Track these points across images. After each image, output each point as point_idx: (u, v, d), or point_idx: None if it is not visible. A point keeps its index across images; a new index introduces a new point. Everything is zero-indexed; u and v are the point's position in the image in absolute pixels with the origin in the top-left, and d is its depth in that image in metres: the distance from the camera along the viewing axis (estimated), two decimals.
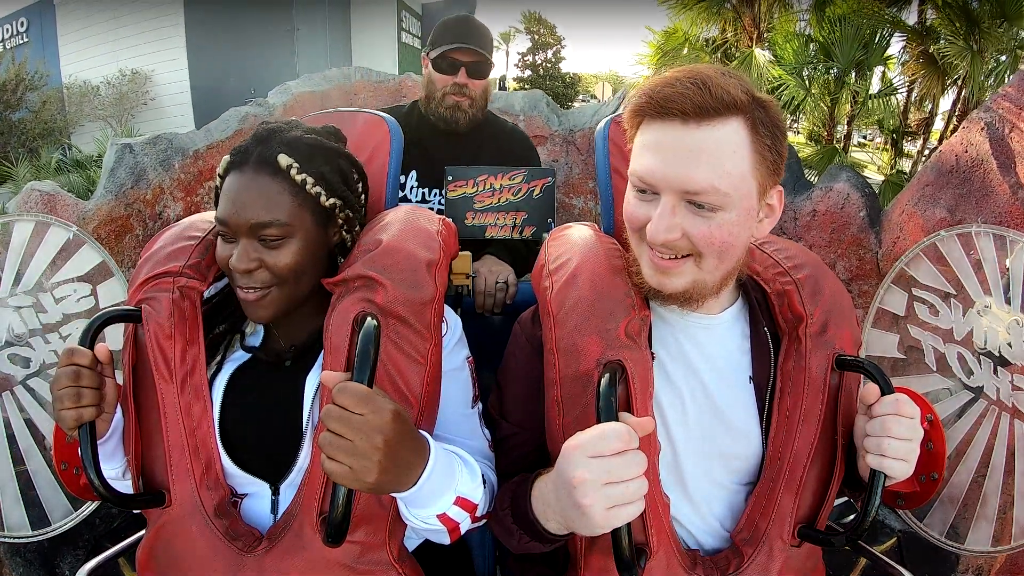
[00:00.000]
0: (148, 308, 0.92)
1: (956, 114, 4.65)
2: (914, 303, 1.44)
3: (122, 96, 8.36)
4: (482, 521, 0.90)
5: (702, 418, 0.90)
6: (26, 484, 1.41)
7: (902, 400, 0.79)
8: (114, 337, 0.99)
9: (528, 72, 24.13)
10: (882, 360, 1.48)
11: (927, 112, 5.34)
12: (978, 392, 1.32)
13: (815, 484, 0.88)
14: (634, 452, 0.68)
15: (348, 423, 0.67)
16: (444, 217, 1.08)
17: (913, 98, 5.15)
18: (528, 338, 0.98)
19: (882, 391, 0.80)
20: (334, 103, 2.64)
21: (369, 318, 0.73)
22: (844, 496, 0.97)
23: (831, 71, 4.82)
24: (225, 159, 0.93)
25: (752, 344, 0.93)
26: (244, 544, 0.87)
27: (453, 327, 1.00)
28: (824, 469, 0.89)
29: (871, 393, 0.81)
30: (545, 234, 1.47)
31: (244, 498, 0.94)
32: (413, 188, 1.71)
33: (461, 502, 0.82)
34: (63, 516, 1.40)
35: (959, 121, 4.41)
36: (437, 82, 1.67)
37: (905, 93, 5.12)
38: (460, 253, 1.14)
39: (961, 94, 4.48)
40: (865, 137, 9.63)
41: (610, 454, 0.67)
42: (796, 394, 0.89)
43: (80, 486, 1.06)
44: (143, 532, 0.96)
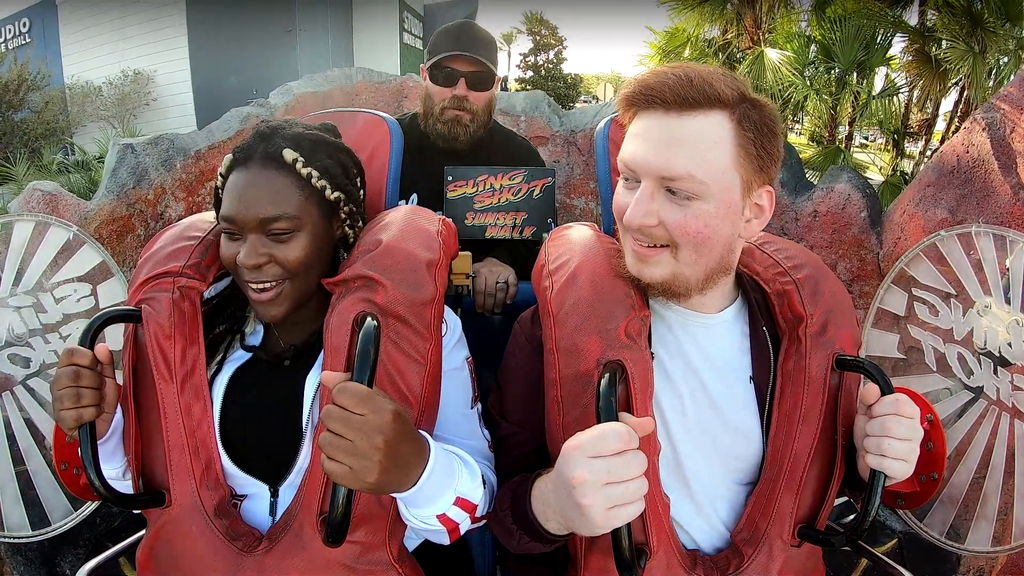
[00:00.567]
0: (148, 308, 0.92)
1: (957, 115, 4.64)
2: (914, 303, 1.43)
3: (124, 96, 8.38)
4: (482, 521, 0.90)
5: (702, 418, 0.90)
6: (26, 484, 1.41)
7: (902, 400, 0.79)
8: (114, 337, 0.99)
9: (530, 73, 24.12)
10: (882, 360, 1.47)
11: (928, 113, 5.33)
12: (978, 392, 1.32)
13: (815, 484, 0.88)
14: (634, 452, 0.68)
15: (348, 423, 0.67)
16: (444, 217, 1.08)
17: (914, 99, 5.14)
18: (528, 338, 0.98)
19: (882, 391, 0.80)
20: (336, 103, 2.65)
21: (369, 318, 0.73)
22: (844, 496, 0.97)
23: (832, 71, 4.82)
24: (228, 157, 0.93)
25: (752, 344, 0.93)
26: (244, 544, 0.88)
27: (453, 327, 1.00)
28: (824, 469, 0.89)
29: (871, 393, 0.81)
30: (545, 234, 1.47)
31: (243, 500, 0.94)
32: None
33: (461, 502, 0.82)
34: (63, 516, 1.40)
35: (960, 122, 4.40)
36: (435, 95, 1.52)
37: (906, 94, 5.11)
38: (460, 253, 1.14)
39: (963, 95, 4.47)
40: (867, 138, 9.61)
41: (610, 454, 0.67)
42: (796, 394, 0.89)
43: (80, 486, 1.06)
44: (143, 532, 0.96)
